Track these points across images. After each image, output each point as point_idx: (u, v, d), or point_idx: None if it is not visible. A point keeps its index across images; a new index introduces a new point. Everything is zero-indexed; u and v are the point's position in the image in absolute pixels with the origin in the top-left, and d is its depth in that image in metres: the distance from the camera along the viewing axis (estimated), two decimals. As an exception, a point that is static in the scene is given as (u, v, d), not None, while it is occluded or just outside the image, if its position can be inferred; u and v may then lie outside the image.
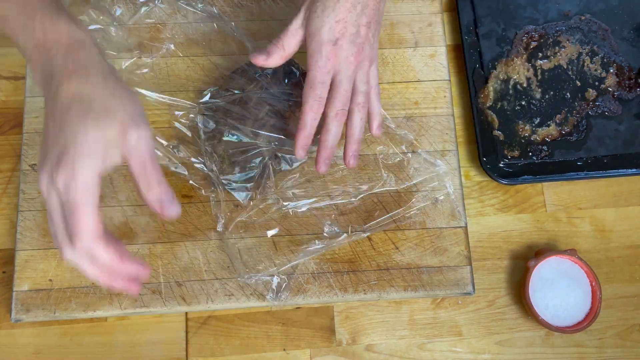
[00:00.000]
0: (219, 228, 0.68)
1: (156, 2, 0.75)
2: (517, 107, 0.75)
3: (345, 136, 0.61)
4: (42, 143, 0.48)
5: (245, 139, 0.65)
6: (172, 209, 0.49)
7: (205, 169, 0.68)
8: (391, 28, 0.77)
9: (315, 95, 0.58)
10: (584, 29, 0.79)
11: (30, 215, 0.69)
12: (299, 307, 0.70)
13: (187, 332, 0.68)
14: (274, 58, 0.59)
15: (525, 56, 0.77)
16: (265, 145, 0.65)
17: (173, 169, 0.69)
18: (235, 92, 0.67)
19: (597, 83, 0.77)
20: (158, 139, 0.69)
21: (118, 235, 0.68)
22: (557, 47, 0.78)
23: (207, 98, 0.68)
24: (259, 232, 0.69)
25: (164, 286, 0.67)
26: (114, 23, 0.74)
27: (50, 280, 0.67)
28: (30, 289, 0.67)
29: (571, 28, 0.79)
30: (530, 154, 0.74)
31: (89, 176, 0.45)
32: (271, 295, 0.67)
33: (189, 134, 0.70)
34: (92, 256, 0.46)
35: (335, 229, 0.68)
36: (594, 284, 0.69)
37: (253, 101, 0.64)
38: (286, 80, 0.67)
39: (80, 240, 0.45)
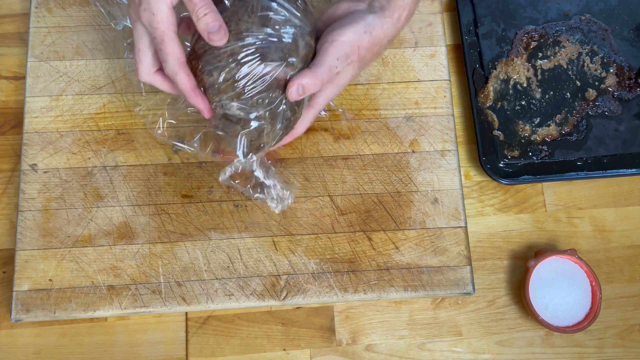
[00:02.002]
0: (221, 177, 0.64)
1: None
2: (517, 107, 0.75)
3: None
4: None
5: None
6: (219, 39, 0.54)
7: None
8: (391, 28, 0.77)
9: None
10: (584, 29, 0.79)
11: (30, 215, 0.69)
12: (299, 307, 0.70)
13: (187, 332, 0.68)
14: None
15: (525, 56, 0.77)
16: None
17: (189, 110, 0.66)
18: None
19: (597, 83, 0.77)
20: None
21: (118, 235, 0.68)
22: (557, 47, 0.78)
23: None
24: (259, 232, 0.69)
25: (164, 286, 0.67)
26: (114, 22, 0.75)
27: (50, 280, 0.67)
28: (30, 289, 0.67)
29: (571, 28, 0.79)
30: (530, 154, 0.74)
31: (164, 11, 0.54)
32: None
33: None
34: (174, 80, 0.56)
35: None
36: (594, 284, 0.69)
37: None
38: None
39: (168, 63, 0.55)
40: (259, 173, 0.63)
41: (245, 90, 0.56)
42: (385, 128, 0.73)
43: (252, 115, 0.57)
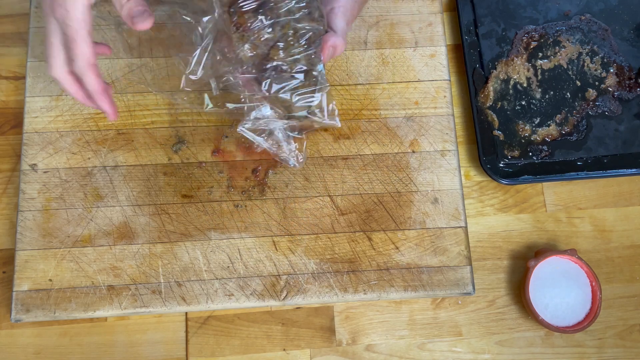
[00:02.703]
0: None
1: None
2: (517, 107, 0.75)
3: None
4: None
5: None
6: (142, 22, 0.53)
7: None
8: (391, 28, 0.77)
9: None
10: (584, 29, 0.79)
11: (30, 215, 0.69)
12: (299, 307, 0.70)
13: (187, 332, 0.68)
14: None
15: (525, 56, 0.77)
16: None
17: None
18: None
19: (597, 83, 0.77)
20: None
21: (118, 235, 0.68)
22: (557, 47, 0.78)
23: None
24: (259, 232, 0.69)
25: (164, 286, 0.67)
26: (114, 22, 0.75)
27: (50, 280, 0.67)
28: (30, 289, 0.67)
29: (571, 28, 0.79)
30: (530, 154, 0.74)
31: (79, 9, 0.52)
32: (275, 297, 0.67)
33: None
34: (83, 80, 0.56)
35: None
36: (594, 284, 0.69)
37: None
38: None
39: (77, 63, 0.54)
40: (279, 134, 0.63)
41: (296, 44, 0.57)
42: (385, 128, 0.73)
43: (298, 68, 0.58)
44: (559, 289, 0.69)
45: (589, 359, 0.69)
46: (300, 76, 0.58)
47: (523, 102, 0.76)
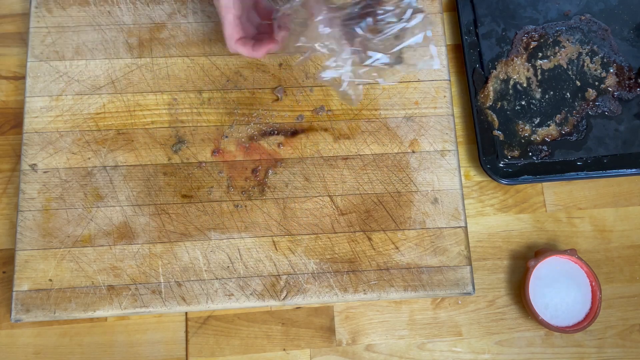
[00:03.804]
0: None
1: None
2: (517, 107, 0.75)
3: None
4: None
5: None
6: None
7: None
8: (391, 28, 0.77)
9: None
10: (584, 29, 0.79)
11: (30, 215, 0.69)
12: (299, 307, 0.70)
13: (187, 332, 0.68)
14: None
15: (525, 56, 0.77)
16: None
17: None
18: None
19: (597, 83, 0.77)
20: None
21: (118, 235, 0.68)
22: (557, 47, 0.78)
23: None
24: (259, 232, 0.69)
25: (164, 286, 0.67)
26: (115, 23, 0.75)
27: (50, 280, 0.67)
28: (30, 289, 0.67)
29: (571, 28, 0.79)
30: (530, 154, 0.74)
31: None
32: (274, 297, 0.67)
33: None
34: (237, 52, 0.67)
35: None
36: (594, 284, 0.69)
37: None
38: None
39: (228, 44, 0.66)
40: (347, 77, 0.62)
41: None
42: (385, 128, 0.73)
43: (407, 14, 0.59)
44: (559, 289, 0.69)
45: (589, 359, 0.70)
46: (404, 22, 0.58)
47: (523, 102, 0.76)
